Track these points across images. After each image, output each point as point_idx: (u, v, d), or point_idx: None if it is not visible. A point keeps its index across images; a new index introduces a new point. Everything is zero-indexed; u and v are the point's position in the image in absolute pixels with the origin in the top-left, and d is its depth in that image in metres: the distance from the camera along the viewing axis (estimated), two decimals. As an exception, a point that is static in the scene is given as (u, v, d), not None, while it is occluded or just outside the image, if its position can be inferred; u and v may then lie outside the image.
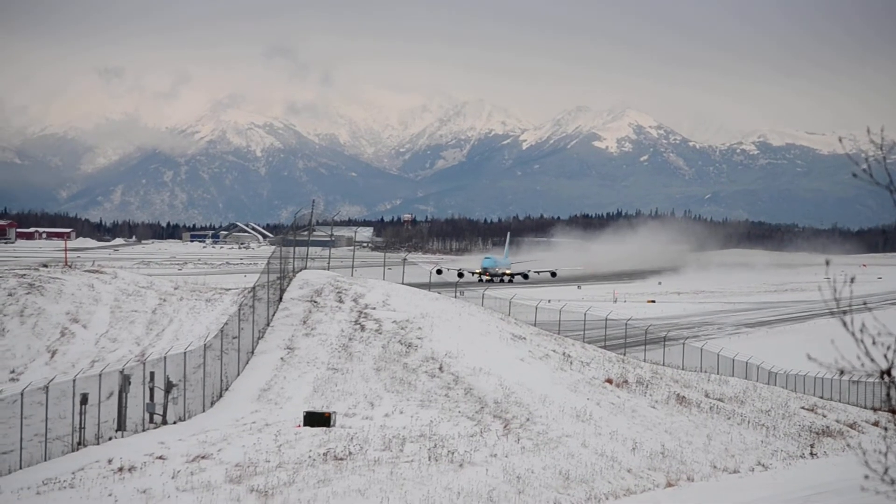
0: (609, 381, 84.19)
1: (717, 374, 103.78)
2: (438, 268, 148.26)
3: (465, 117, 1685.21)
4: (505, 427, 65.42)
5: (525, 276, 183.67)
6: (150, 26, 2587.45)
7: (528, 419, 68.15)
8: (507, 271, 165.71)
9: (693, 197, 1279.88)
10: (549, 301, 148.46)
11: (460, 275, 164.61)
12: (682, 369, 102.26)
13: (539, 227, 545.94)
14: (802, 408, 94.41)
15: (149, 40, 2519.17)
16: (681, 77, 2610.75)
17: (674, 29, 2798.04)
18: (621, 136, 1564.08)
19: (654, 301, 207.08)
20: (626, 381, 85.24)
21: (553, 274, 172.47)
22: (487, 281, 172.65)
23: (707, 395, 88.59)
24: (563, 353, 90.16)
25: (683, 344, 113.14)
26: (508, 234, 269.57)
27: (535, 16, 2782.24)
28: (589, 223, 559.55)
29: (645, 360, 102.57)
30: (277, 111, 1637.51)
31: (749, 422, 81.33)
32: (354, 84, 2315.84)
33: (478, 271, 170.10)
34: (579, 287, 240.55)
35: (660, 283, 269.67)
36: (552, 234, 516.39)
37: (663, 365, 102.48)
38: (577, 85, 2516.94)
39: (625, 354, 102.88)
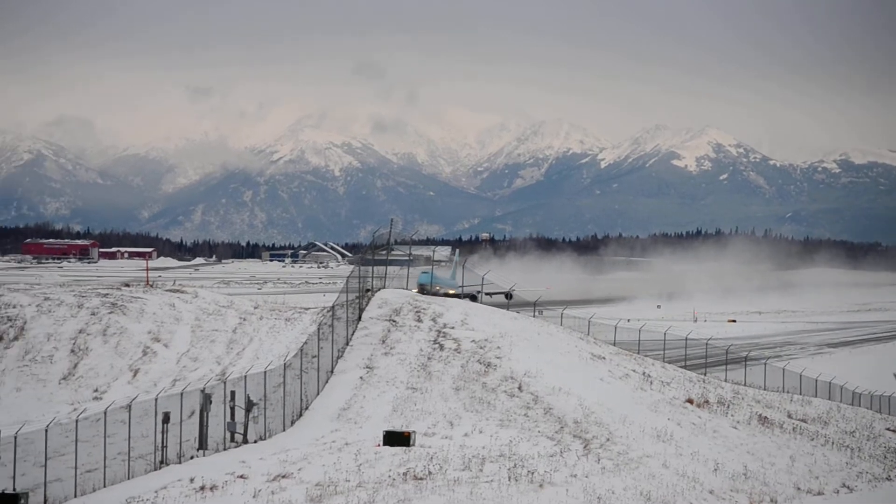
0: (690, 401, 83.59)
1: (800, 394, 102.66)
2: (367, 287, 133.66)
3: (544, 136, 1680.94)
4: (585, 447, 65.08)
5: (473, 298, 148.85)
6: (239, 46, 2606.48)
7: (608, 439, 67.76)
8: (451, 291, 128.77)
9: (773, 216, 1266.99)
10: (629, 320, 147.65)
11: None
12: (764, 389, 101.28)
13: (618, 247, 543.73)
14: (888, 429, 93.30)
15: (236, 60, 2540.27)
16: (761, 95, 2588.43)
17: (754, 47, 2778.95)
18: (700, 154, 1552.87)
19: (735, 321, 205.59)
20: (707, 402, 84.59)
21: (508, 296, 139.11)
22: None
23: (790, 416, 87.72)
24: (644, 373, 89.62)
25: (765, 364, 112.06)
26: (458, 250, 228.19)
27: (612, 35, 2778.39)
28: (668, 242, 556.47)
29: (726, 381, 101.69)
30: (357, 130, 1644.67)
31: (833, 443, 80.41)
32: (433, 103, 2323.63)
33: (414, 290, 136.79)
34: (659, 307, 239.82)
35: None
36: (632, 253, 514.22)
37: (745, 385, 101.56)
38: (655, 103, 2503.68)
39: (705, 374, 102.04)
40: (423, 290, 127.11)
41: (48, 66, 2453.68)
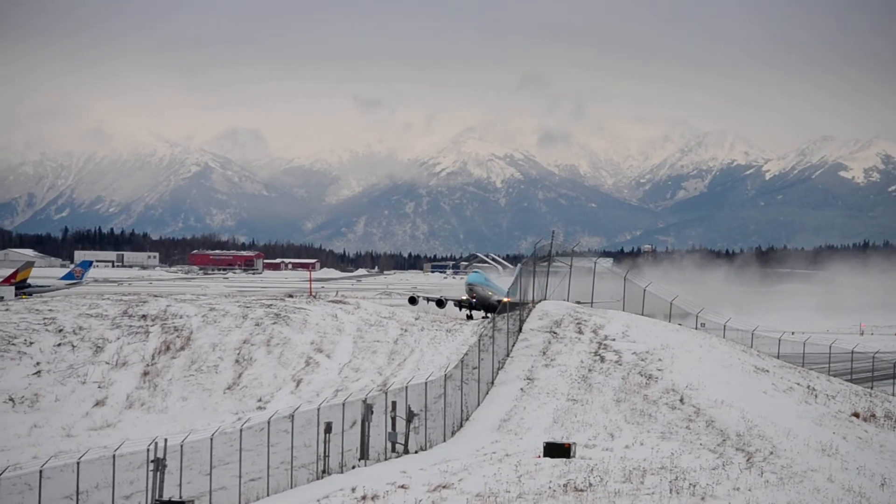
0: (856, 414, 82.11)
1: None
2: (412, 296, 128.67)
3: (707, 147, 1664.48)
4: (748, 460, 64.30)
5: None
6: (407, 60, 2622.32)
7: (771, 452, 66.86)
8: (505, 300, 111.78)
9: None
10: (793, 333, 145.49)
11: (440, 304, 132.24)
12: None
13: (784, 258, 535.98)
14: None
15: (404, 73, 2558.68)
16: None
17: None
18: (868, 165, 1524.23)
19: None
20: (873, 416, 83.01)
21: None
22: (473, 308, 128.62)
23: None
24: (808, 386, 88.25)
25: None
26: (520, 265, 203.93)
27: (779, 45, 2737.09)
28: (835, 254, 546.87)
29: (894, 394, 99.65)
30: (520, 142, 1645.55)
31: None
32: (596, 115, 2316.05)
33: (463, 297, 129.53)
34: (824, 319, 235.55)
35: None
36: (798, 265, 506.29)
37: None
38: (822, 115, 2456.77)
39: (872, 388, 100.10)
40: (471, 289, 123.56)
41: (218, 80, 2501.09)
